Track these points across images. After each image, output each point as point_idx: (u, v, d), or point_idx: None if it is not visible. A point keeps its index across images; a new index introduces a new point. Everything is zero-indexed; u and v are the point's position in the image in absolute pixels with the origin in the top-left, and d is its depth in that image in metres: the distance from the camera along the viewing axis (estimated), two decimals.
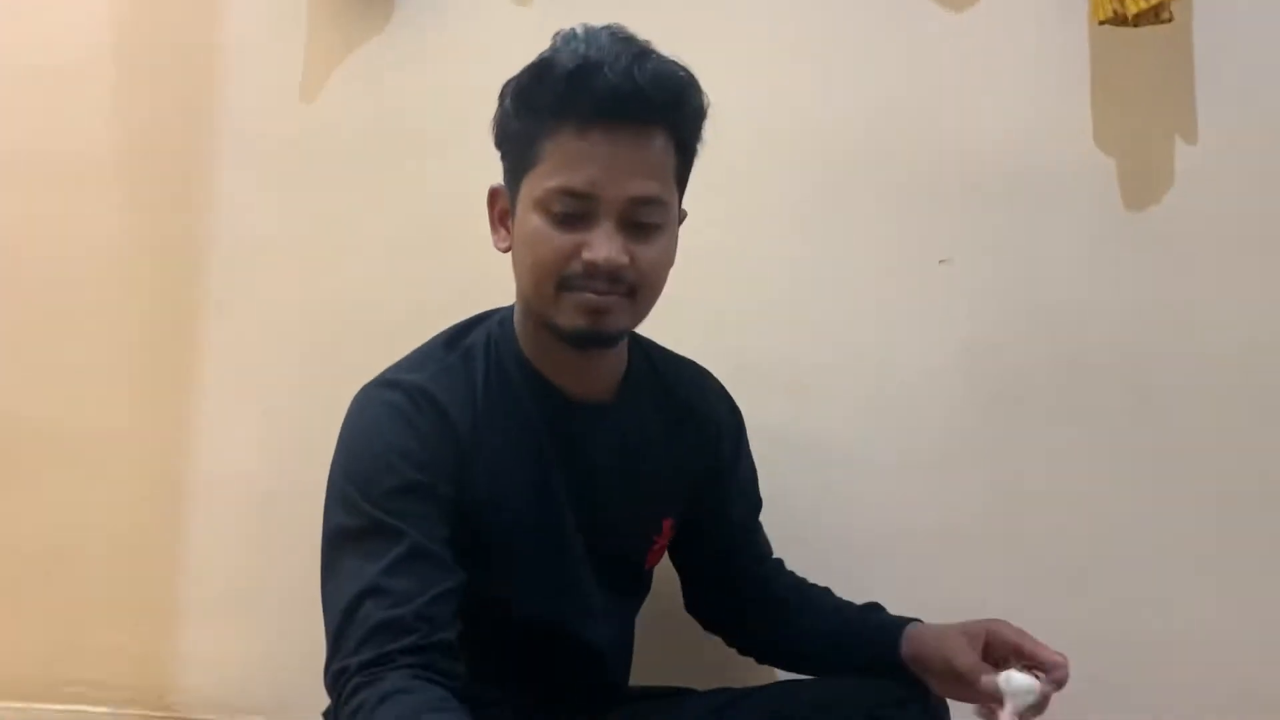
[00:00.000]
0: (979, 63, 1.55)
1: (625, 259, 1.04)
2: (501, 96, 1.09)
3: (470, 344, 1.15)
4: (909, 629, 1.21)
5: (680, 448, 1.23)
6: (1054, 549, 1.54)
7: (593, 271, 1.04)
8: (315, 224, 1.53)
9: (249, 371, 1.53)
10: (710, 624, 1.36)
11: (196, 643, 1.51)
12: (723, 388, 1.31)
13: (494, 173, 1.43)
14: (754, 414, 1.37)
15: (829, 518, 1.53)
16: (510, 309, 1.18)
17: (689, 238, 1.16)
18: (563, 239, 1.04)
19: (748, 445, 1.32)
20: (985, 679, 1.08)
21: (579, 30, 1.05)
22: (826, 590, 1.32)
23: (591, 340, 1.09)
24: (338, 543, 1.04)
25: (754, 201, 1.54)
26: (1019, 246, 1.55)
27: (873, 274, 1.55)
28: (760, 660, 1.35)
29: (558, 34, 1.07)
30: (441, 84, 1.52)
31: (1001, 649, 1.12)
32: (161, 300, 1.53)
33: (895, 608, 1.27)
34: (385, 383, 1.11)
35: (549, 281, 1.05)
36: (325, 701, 1.20)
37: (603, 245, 1.03)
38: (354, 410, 1.11)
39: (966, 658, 1.11)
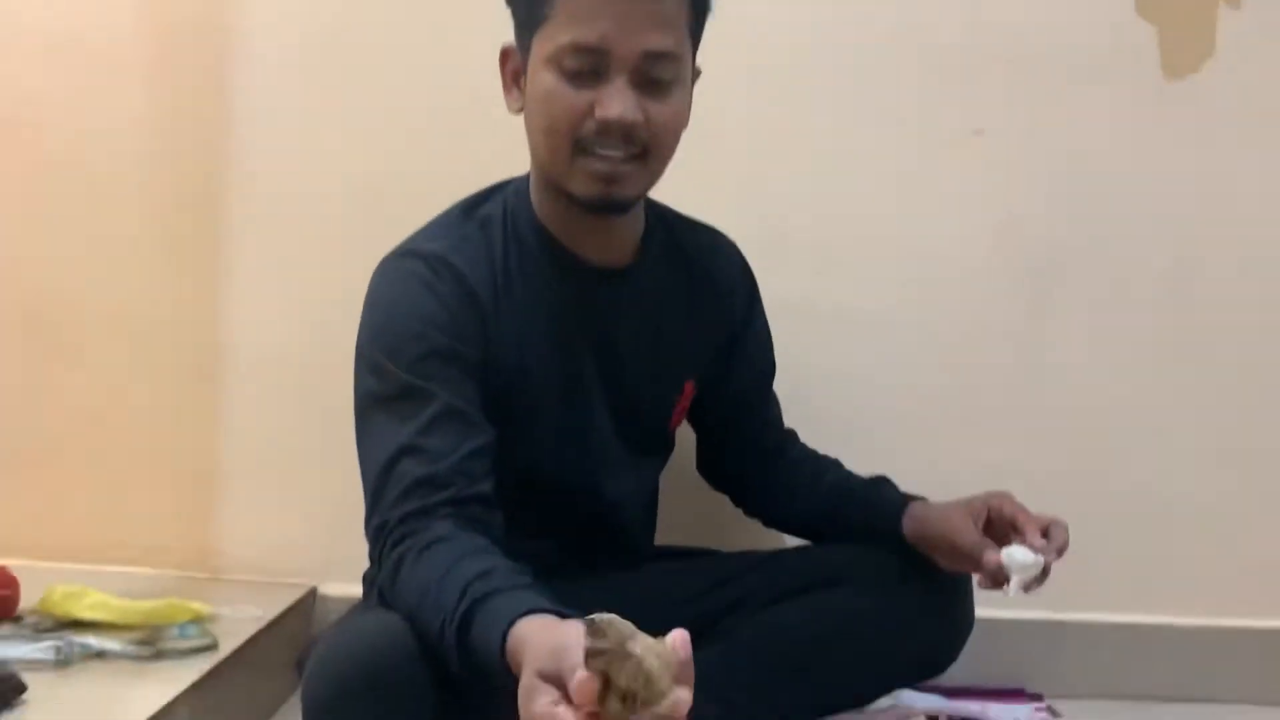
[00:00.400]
0: None
1: (639, 116, 1.03)
2: None
3: (487, 213, 1.15)
4: (911, 508, 1.22)
5: (698, 310, 1.25)
6: (1080, 428, 1.55)
7: (606, 130, 1.03)
8: (343, 95, 1.52)
9: (280, 242, 1.53)
10: (718, 484, 1.38)
11: (239, 508, 1.55)
12: (737, 249, 1.31)
13: None
14: (781, 286, 1.37)
15: (852, 392, 1.54)
16: (525, 178, 1.18)
17: (720, 109, 1.14)
18: (576, 97, 1.03)
19: (762, 307, 1.32)
20: (988, 556, 1.10)
21: None
22: (836, 462, 1.33)
23: (606, 207, 1.09)
24: (371, 408, 1.06)
25: (787, 72, 1.51)
26: (1055, 117, 1.53)
27: (905, 145, 1.53)
28: (765, 524, 1.37)
29: None
30: None
31: (1002, 523, 1.14)
32: (190, 172, 1.53)
33: (915, 484, 1.29)
34: (405, 253, 1.12)
35: (563, 144, 1.05)
36: (365, 564, 1.26)
37: (615, 102, 1.02)
38: (376, 280, 1.12)
39: (969, 536, 1.13)
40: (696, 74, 1.12)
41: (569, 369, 1.16)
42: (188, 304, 1.54)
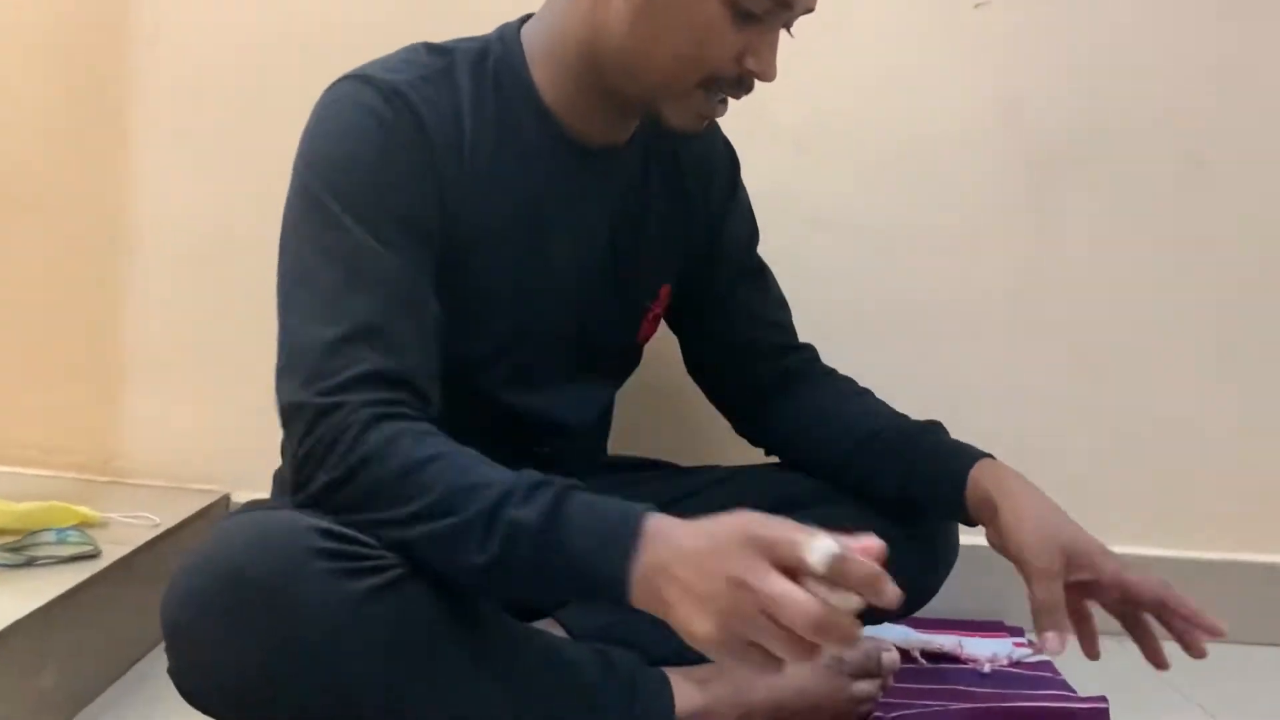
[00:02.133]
0: None
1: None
2: None
3: (458, 55, 0.97)
4: (977, 469, 1.02)
5: (682, 197, 1.10)
6: (1078, 339, 1.43)
7: (742, 84, 0.95)
8: None
9: (185, 109, 1.36)
10: (718, 398, 1.21)
11: (143, 406, 1.40)
12: (720, 129, 1.16)
13: None
14: (764, 174, 1.23)
15: (838, 289, 1.41)
16: (515, 25, 1.01)
17: None
18: (734, 40, 0.92)
19: (745, 192, 1.18)
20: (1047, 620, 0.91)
21: None
22: (867, 392, 1.16)
23: (685, 136, 0.99)
24: (319, 260, 0.87)
25: None
26: None
27: (900, 18, 1.39)
28: (769, 453, 1.19)
29: None
30: None
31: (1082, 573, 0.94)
32: (90, 36, 1.36)
33: (904, 389, 1.15)
34: (360, 77, 0.92)
35: (693, 78, 0.93)
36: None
37: (768, 61, 0.93)
38: (326, 107, 0.93)
39: (1041, 561, 0.94)
40: None
41: (532, 256, 0.99)
42: (88, 180, 1.37)
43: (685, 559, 0.71)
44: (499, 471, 0.79)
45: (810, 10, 0.95)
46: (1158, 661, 0.95)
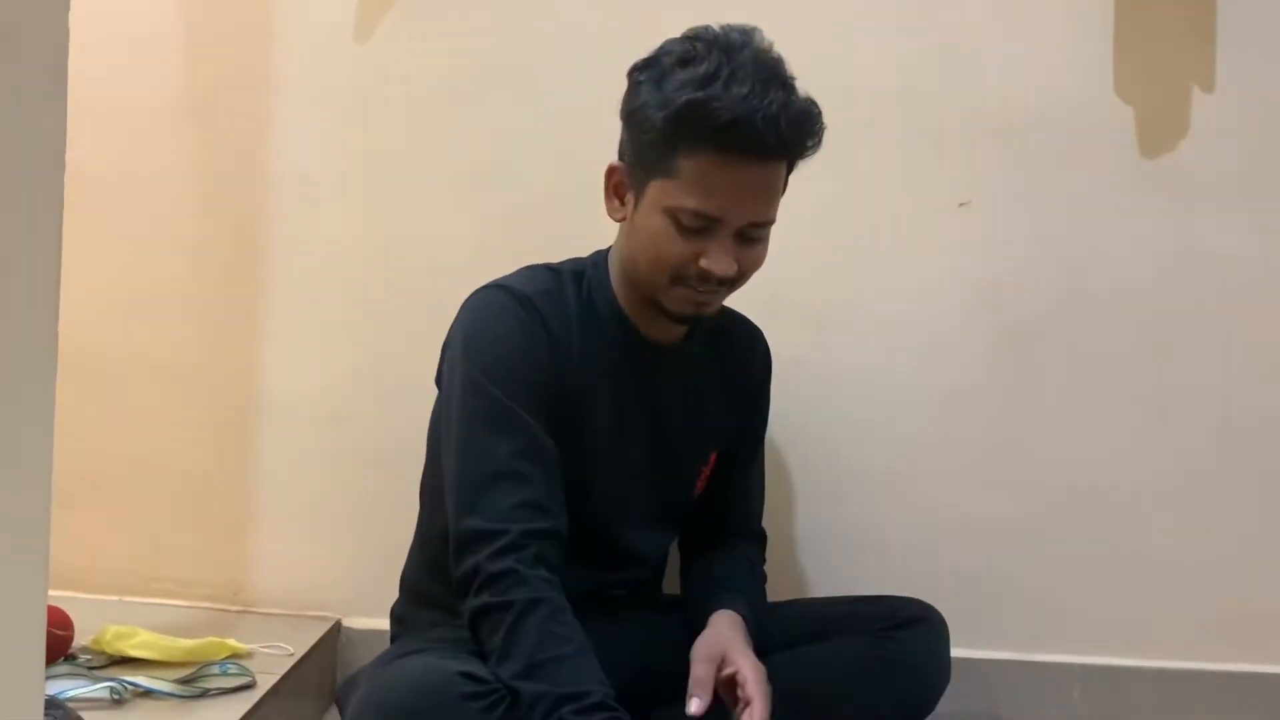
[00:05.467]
0: (1003, 7, 1.61)
1: (735, 269, 1.17)
2: (637, 82, 1.17)
3: (568, 274, 1.29)
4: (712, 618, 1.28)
5: (729, 388, 1.38)
6: (1054, 482, 1.65)
7: (706, 279, 1.17)
8: (376, 160, 1.63)
9: (314, 301, 1.63)
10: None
11: (268, 547, 1.66)
12: (764, 339, 1.45)
13: (542, 108, 1.58)
14: (779, 346, 1.48)
15: (841, 445, 1.64)
16: (604, 253, 1.31)
17: None
18: (685, 246, 1.16)
19: (769, 394, 1.46)
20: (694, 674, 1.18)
21: (724, 60, 1.11)
22: (743, 573, 1.38)
23: (693, 322, 1.25)
24: (469, 421, 1.18)
25: None
26: (1037, 191, 1.63)
27: (895, 215, 1.63)
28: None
29: (697, 41, 1.14)
30: (492, 23, 1.60)
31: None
32: (234, 233, 1.64)
33: (899, 534, 1.37)
34: (499, 287, 1.24)
35: (664, 276, 1.19)
36: (389, 600, 1.37)
37: (720, 260, 1.16)
38: (473, 308, 1.24)
39: (695, 660, 1.21)
40: None
41: (616, 427, 1.29)
42: (224, 357, 1.65)
43: None
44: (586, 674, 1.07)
45: (760, 223, 1.17)
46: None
